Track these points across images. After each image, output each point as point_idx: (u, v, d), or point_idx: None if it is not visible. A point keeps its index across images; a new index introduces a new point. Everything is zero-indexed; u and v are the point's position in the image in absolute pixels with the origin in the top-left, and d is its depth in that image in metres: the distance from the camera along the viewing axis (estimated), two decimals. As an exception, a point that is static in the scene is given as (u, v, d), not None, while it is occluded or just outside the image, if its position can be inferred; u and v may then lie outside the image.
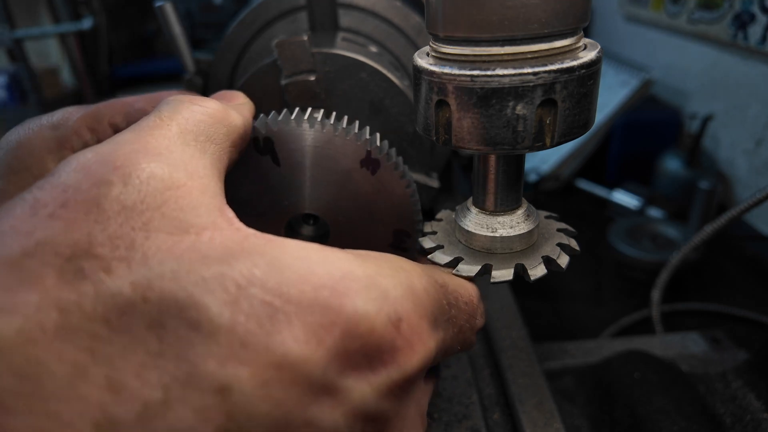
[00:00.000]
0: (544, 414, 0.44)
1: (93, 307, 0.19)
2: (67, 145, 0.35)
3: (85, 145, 0.36)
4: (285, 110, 0.36)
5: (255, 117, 0.37)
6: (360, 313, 0.21)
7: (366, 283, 0.22)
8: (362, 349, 0.21)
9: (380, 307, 0.22)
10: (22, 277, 0.19)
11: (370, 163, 0.36)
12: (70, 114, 0.36)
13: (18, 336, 0.17)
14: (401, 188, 0.37)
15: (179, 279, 0.20)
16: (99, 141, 0.36)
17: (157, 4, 0.48)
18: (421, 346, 0.24)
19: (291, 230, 0.40)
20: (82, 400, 0.18)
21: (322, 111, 0.37)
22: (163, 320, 0.19)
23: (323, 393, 0.21)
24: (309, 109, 0.37)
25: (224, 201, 0.25)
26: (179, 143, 0.25)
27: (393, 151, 0.37)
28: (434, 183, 0.52)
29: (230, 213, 0.24)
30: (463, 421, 0.43)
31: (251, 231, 0.23)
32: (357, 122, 0.37)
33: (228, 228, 0.23)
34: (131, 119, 0.38)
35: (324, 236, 0.41)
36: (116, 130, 0.38)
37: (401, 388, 0.23)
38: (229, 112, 0.30)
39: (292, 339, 0.20)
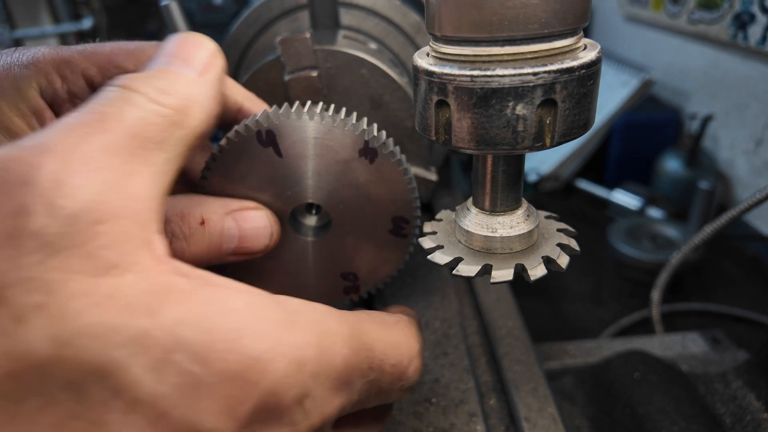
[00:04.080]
0: (539, 399, 0.45)
1: (0, 364, 0.17)
2: (34, 85, 0.33)
3: (55, 94, 0.34)
4: (285, 104, 0.37)
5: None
6: (273, 391, 0.21)
7: (288, 359, 0.22)
8: (266, 418, 0.22)
9: (292, 385, 0.22)
10: None
11: (368, 152, 0.37)
12: (42, 54, 0.34)
13: None
14: (398, 176, 0.38)
15: (100, 339, 0.18)
16: (69, 92, 0.35)
17: (163, 2, 0.48)
18: (317, 417, 0.24)
19: (295, 220, 0.41)
20: None
21: (321, 104, 0.38)
22: (82, 383, 0.18)
23: None
24: (308, 103, 0.38)
25: (157, 228, 0.22)
26: (120, 154, 0.22)
27: (390, 141, 0.38)
28: (433, 176, 0.52)
29: (159, 246, 0.22)
30: (459, 406, 0.44)
31: (179, 269, 0.22)
32: (355, 114, 0.38)
33: (153, 268, 0.21)
34: (107, 74, 0.35)
35: (326, 225, 0.41)
36: (90, 83, 0.36)
37: None
38: (189, 110, 0.26)
39: (209, 412, 0.20)
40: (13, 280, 0.17)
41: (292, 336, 0.23)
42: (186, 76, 0.27)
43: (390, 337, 0.29)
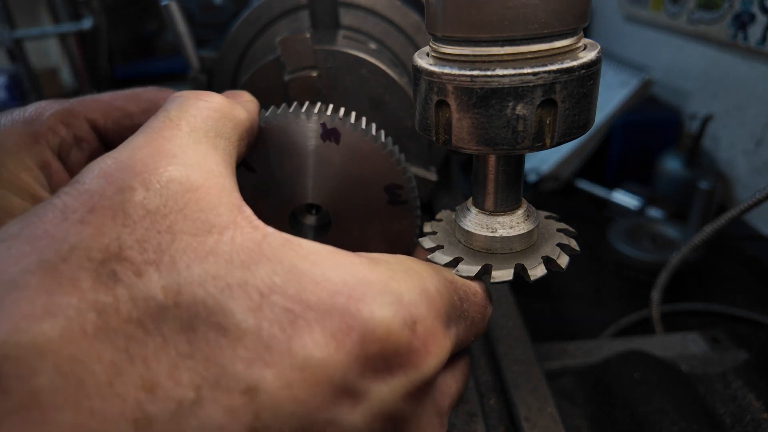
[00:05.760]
0: (539, 399, 0.45)
1: (128, 309, 0.19)
2: (41, 141, 0.35)
3: (62, 141, 0.36)
4: None
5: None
6: (376, 317, 0.22)
7: (380, 288, 0.23)
8: (380, 353, 0.22)
9: (396, 311, 0.23)
10: (61, 280, 0.19)
11: (330, 134, 0.36)
12: (43, 109, 0.36)
13: (62, 337, 0.18)
14: (369, 145, 0.37)
15: (207, 285, 0.21)
16: (75, 137, 0.37)
17: (163, 2, 0.48)
18: (436, 347, 0.24)
19: (296, 221, 0.41)
20: (120, 398, 0.18)
21: (272, 107, 0.38)
22: (193, 324, 0.20)
23: (344, 394, 0.21)
24: (261, 110, 0.38)
25: (240, 197, 0.25)
26: (191, 142, 0.26)
27: (352, 115, 0.37)
28: (432, 176, 0.52)
29: (247, 210, 0.25)
30: (459, 406, 0.44)
31: (269, 229, 0.24)
32: (306, 102, 0.37)
33: (247, 226, 0.23)
34: (110, 116, 0.38)
35: (327, 224, 0.41)
36: (94, 126, 0.38)
37: (418, 389, 0.24)
38: (234, 106, 0.31)
39: (313, 343, 0.21)
40: (130, 243, 0.21)
41: (378, 270, 0.24)
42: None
43: None
